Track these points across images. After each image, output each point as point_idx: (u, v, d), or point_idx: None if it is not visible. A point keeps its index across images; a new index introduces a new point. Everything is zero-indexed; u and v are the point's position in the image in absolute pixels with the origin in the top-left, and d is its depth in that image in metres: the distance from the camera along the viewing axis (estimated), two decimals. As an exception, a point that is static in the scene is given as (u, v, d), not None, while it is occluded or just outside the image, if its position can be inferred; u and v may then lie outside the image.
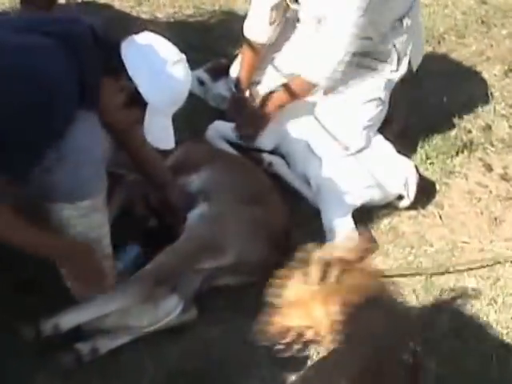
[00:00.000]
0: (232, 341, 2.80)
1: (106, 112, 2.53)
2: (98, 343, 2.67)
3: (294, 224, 3.14)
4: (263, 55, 3.61)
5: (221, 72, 3.82)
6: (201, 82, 3.82)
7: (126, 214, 3.11)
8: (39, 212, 2.46)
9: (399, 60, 3.44)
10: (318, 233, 3.25)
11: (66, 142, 2.38)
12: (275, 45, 3.60)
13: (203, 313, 2.85)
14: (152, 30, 2.62)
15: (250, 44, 3.58)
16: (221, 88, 3.80)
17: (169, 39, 2.61)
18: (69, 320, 2.60)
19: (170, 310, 2.74)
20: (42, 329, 2.56)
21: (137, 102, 2.51)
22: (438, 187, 3.56)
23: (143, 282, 2.72)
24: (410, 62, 3.48)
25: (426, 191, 3.45)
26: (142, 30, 2.63)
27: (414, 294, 3.05)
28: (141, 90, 2.50)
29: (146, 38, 2.58)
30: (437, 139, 3.78)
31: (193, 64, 3.91)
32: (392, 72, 3.45)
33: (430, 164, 3.67)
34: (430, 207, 3.46)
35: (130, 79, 2.48)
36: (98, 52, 2.45)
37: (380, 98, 3.45)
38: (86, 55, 2.41)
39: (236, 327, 2.83)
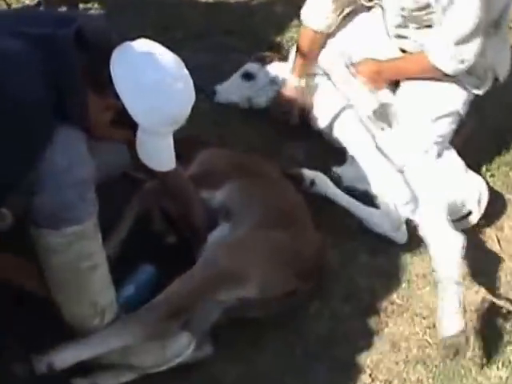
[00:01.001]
0: (252, 383, 2.46)
1: (94, 128, 2.20)
2: (99, 379, 2.36)
3: (327, 246, 2.79)
4: (322, 44, 3.19)
5: (268, 61, 3.44)
6: (248, 76, 3.40)
7: (141, 228, 2.77)
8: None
9: (486, 72, 2.99)
10: (353, 253, 2.90)
11: (43, 164, 2.07)
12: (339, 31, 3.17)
13: (220, 349, 2.49)
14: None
15: (308, 31, 3.15)
16: (272, 71, 3.39)
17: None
18: (64, 359, 2.27)
19: (180, 350, 2.39)
20: (34, 367, 2.24)
21: (127, 122, 2.18)
22: (498, 205, 3.14)
23: (152, 315, 2.36)
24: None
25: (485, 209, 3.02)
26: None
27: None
28: (127, 108, 2.16)
29: (142, 46, 2.21)
30: (499, 148, 3.36)
31: (233, 51, 3.65)
32: (476, 87, 3.01)
33: (491, 176, 3.27)
34: (488, 229, 3.05)
35: (116, 96, 2.14)
36: (83, 59, 2.11)
37: (458, 113, 3.00)
38: (65, 64, 2.08)
39: (257, 367, 2.50)
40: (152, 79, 2.17)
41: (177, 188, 2.65)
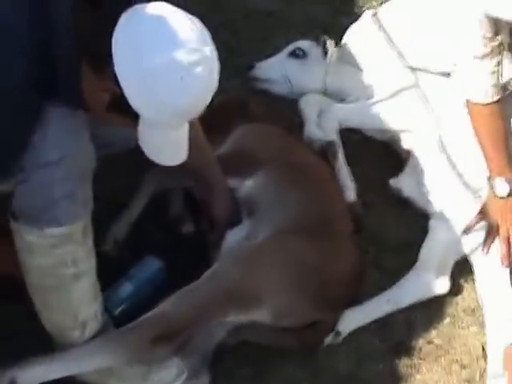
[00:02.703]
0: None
1: (91, 110, 1.84)
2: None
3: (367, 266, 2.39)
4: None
5: None
6: (298, 54, 2.89)
7: (154, 212, 2.43)
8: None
9: None
10: (395, 273, 2.46)
11: (30, 152, 1.80)
12: None
13: (216, 381, 2.16)
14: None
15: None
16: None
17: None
18: (31, 376, 1.96)
19: (166, 382, 2.07)
20: None
21: (126, 108, 1.72)
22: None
23: (138, 336, 2.02)
24: None
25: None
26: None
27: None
28: (125, 95, 1.68)
29: (153, 14, 1.67)
30: None
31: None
32: None
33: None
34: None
35: (116, 79, 1.67)
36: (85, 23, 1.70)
37: None
38: (57, 28, 1.73)
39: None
40: (157, 63, 1.65)
41: (198, 167, 2.23)
